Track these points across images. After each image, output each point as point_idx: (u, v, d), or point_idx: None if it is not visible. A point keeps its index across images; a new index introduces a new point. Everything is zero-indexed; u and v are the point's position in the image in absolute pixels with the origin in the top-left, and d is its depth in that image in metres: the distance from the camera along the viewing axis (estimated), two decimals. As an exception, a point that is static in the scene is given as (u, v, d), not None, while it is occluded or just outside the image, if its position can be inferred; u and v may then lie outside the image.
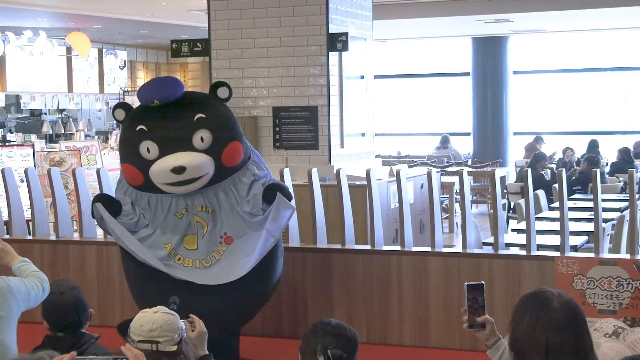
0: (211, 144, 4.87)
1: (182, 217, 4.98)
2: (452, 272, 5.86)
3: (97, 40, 17.01)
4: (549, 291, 2.71)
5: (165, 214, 5.00)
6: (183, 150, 4.83)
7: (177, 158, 4.80)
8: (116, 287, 6.68)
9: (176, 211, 4.99)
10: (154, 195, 5.00)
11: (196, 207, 4.96)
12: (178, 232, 4.97)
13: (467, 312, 2.91)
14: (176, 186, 4.88)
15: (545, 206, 9.43)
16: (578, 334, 2.63)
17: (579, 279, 5.49)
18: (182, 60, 19.14)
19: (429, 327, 5.93)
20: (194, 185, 4.88)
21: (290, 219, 5.24)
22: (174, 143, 4.85)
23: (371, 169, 6.16)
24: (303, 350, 2.83)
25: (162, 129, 4.91)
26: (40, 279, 3.83)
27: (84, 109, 18.18)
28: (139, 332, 2.78)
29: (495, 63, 16.72)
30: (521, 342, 2.64)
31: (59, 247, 6.83)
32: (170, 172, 4.79)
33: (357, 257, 6.11)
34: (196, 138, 4.85)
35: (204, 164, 4.83)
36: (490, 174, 6.62)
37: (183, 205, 4.97)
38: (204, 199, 4.94)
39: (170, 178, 4.83)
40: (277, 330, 6.18)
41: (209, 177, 4.90)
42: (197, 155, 4.83)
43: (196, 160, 4.81)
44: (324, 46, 8.42)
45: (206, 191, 4.94)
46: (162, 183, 4.90)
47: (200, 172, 4.83)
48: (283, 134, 8.61)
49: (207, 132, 4.86)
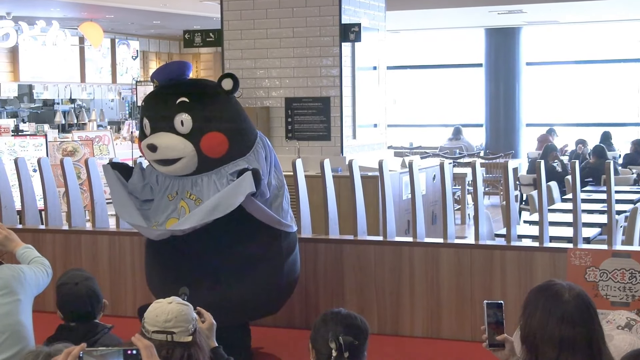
0: (191, 129, 4.91)
1: (172, 200, 5.07)
2: (464, 263, 5.85)
3: (109, 30, 17.03)
4: (560, 284, 2.70)
5: (162, 194, 5.12)
6: (165, 131, 4.93)
7: (156, 137, 4.94)
8: (128, 277, 6.70)
9: (170, 193, 5.09)
10: (160, 174, 5.13)
11: (185, 193, 5.01)
12: (165, 213, 5.06)
13: (487, 330, 2.86)
14: (158, 165, 5.01)
15: (557, 198, 9.39)
16: (590, 326, 2.62)
17: (592, 271, 5.47)
18: (195, 50, 19.13)
19: (440, 319, 5.92)
20: (174, 167, 4.95)
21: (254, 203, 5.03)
22: (160, 123, 4.98)
23: (383, 160, 6.15)
24: (314, 339, 2.84)
25: (152, 108, 5.10)
26: (44, 264, 3.99)
27: (96, 99, 18.22)
28: (154, 323, 2.79)
29: (508, 54, 16.65)
30: (534, 336, 2.63)
31: (72, 237, 6.86)
32: (147, 149, 4.96)
33: (369, 248, 6.10)
34: (177, 121, 4.92)
35: (176, 146, 4.89)
36: (502, 165, 6.60)
37: (176, 187, 5.07)
38: (192, 184, 5.00)
39: (148, 155, 4.99)
40: (288, 320, 6.19)
41: (190, 163, 4.93)
42: (174, 137, 4.91)
43: (169, 141, 4.89)
44: (337, 37, 8.40)
45: (195, 178, 5.00)
46: (147, 159, 5.11)
47: (173, 153, 4.90)
48: (295, 124, 8.60)
49: (187, 117, 4.91)
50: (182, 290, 3.49)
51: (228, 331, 4.23)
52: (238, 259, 5.06)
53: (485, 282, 5.76)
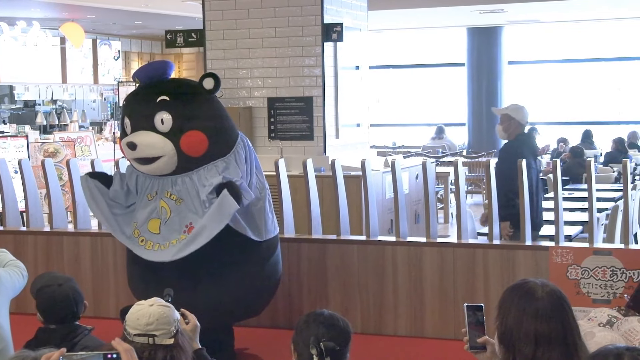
0: (171, 127, 4.91)
1: (151, 200, 5.06)
2: (447, 262, 5.86)
3: (91, 30, 16.95)
4: (532, 281, 2.73)
5: (143, 194, 5.12)
6: (145, 130, 4.94)
7: (136, 135, 4.94)
8: (111, 279, 6.67)
9: (150, 192, 5.08)
10: (141, 174, 5.12)
11: (165, 193, 5.00)
12: (144, 213, 5.06)
13: (468, 333, 2.87)
14: (138, 164, 5.01)
15: (539, 196, 9.41)
16: (565, 321, 2.65)
17: (574, 268, 5.50)
18: (177, 50, 19.08)
19: (424, 318, 5.93)
20: (154, 166, 4.95)
21: (242, 215, 5.05)
22: (140, 121, 4.99)
23: (366, 160, 6.15)
24: (296, 342, 2.82)
25: (132, 107, 5.11)
26: (19, 267, 4.03)
27: (78, 100, 18.13)
28: (135, 326, 2.77)
29: (490, 53, 16.72)
30: (510, 335, 2.65)
31: (53, 239, 6.82)
32: (126, 147, 4.96)
33: (352, 247, 6.10)
34: (157, 119, 4.92)
35: (156, 145, 4.89)
36: (485, 164, 6.61)
37: (156, 187, 5.07)
38: (172, 185, 4.99)
39: (128, 153, 5.00)
40: (272, 321, 6.18)
41: (170, 162, 4.92)
42: (154, 135, 4.91)
43: (149, 139, 4.90)
44: (319, 36, 8.40)
45: (175, 178, 4.99)
46: (127, 158, 5.11)
47: (152, 152, 4.90)
48: (278, 124, 8.59)
49: (167, 115, 4.91)
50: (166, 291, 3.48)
51: (211, 332, 4.22)
52: (218, 261, 5.04)
53: (468, 280, 5.78)
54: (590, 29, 17.00)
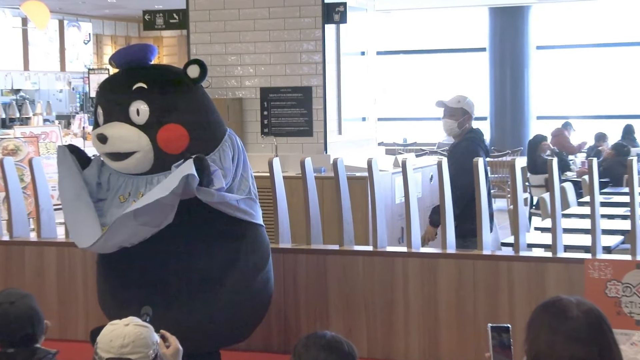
0: (147, 119, 4.91)
1: (124, 202, 5.06)
2: (466, 277, 5.86)
3: (57, 10, 16.97)
4: (567, 299, 2.72)
5: (114, 194, 5.11)
6: (119, 121, 4.94)
7: (107, 127, 4.95)
8: (79, 295, 6.66)
9: (122, 194, 5.08)
10: (114, 172, 5.12)
11: (138, 194, 4.99)
12: (115, 215, 5.00)
13: (492, 356, 2.86)
14: (109, 160, 5.02)
15: (573, 201, 9.44)
16: (604, 345, 2.64)
17: (613, 284, 5.49)
18: (156, 34, 19.12)
19: (439, 340, 5.93)
20: (127, 163, 4.94)
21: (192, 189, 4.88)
22: (114, 111, 4.99)
23: (373, 159, 6.16)
24: (294, 368, 2.82)
25: (106, 95, 5.12)
26: None
27: (42, 90, 18.15)
28: (108, 349, 2.77)
29: (515, 37, 16.73)
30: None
31: (13, 249, 6.81)
32: (96, 140, 4.97)
33: (357, 259, 6.10)
34: (132, 109, 4.92)
35: (129, 138, 4.89)
36: (509, 164, 6.62)
37: (129, 188, 5.06)
38: (146, 185, 4.99)
39: (98, 147, 5.00)
40: (265, 344, 6.18)
41: (145, 159, 4.92)
42: (127, 127, 4.91)
43: (121, 132, 4.90)
44: (319, 18, 8.41)
45: (151, 178, 5.00)
46: (98, 153, 5.11)
47: (125, 146, 4.90)
48: (272, 118, 8.60)
49: (143, 105, 4.92)
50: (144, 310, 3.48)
51: (196, 357, 4.21)
52: (197, 278, 5.03)
53: (490, 298, 5.77)
54: (631, 8, 16.98)
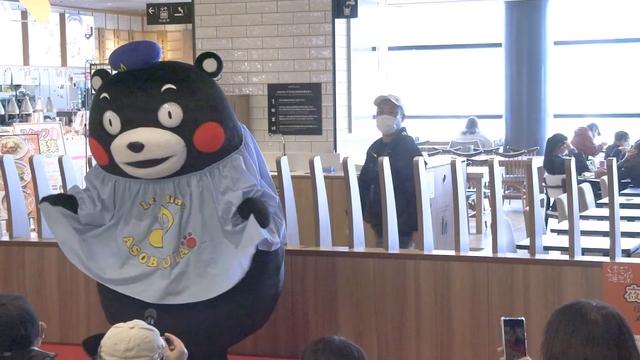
0: (181, 121, 4.87)
1: (148, 208, 5.01)
2: (480, 280, 5.86)
3: (58, 3, 17.00)
4: (586, 302, 2.74)
5: (132, 203, 5.05)
6: (146, 126, 4.86)
7: (137, 133, 4.85)
8: (81, 297, 6.69)
9: (143, 200, 5.03)
10: (121, 179, 5.05)
11: (165, 197, 4.97)
12: (142, 225, 5.01)
13: (505, 353, 2.87)
14: (138, 167, 4.92)
15: (591, 203, 9.43)
16: (624, 350, 2.65)
17: (633, 289, 5.49)
18: (161, 28, 19.11)
19: (452, 345, 5.94)
20: (159, 169, 4.90)
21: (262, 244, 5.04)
22: (137, 116, 4.90)
23: (384, 159, 6.17)
24: (302, 374, 2.84)
25: (125, 98, 4.97)
26: None
27: (42, 86, 18.16)
28: (112, 352, 2.79)
29: (532, 32, 16.69)
30: None
31: (13, 250, 6.84)
32: (127, 149, 4.85)
33: (368, 262, 6.11)
34: (162, 112, 4.86)
35: (167, 144, 4.84)
36: (525, 163, 6.63)
37: (152, 193, 5.01)
38: (174, 187, 4.96)
39: (128, 156, 4.88)
40: (272, 348, 6.19)
41: (179, 162, 4.90)
42: (161, 132, 4.85)
43: (158, 137, 4.83)
44: (329, 12, 8.42)
45: (178, 179, 4.97)
46: (122, 162, 4.95)
47: (163, 152, 4.85)
48: (280, 116, 8.61)
49: (176, 107, 4.87)
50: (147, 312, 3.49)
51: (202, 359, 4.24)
52: None
53: (505, 302, 5.78)
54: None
